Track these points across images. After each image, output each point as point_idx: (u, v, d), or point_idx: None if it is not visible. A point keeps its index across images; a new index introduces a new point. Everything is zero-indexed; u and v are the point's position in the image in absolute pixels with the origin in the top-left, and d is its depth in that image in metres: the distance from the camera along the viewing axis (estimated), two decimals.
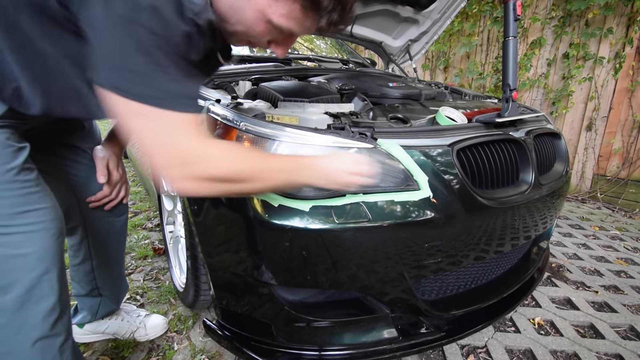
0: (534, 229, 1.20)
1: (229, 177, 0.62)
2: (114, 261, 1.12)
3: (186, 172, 0.58)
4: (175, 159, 0.57)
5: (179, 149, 0.57)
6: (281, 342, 0.96)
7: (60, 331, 0.71)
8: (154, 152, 0.57)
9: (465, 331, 1.07)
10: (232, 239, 0.92)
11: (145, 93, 0.54)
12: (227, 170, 0.61)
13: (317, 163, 0.74)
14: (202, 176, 0.59)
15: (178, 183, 0.59)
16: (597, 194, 2.98)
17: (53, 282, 0.69)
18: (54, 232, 0.70)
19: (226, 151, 0.63)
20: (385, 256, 0.87)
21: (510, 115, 1.11)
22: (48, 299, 0.68)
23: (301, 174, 0.71)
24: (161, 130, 0.56)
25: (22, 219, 0.66)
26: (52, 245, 0.69)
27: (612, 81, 2.81)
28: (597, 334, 1.32)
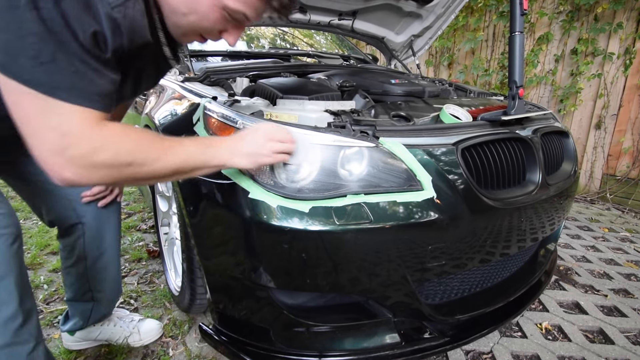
0: (541, 230, 1.20)
1: (120, 162, 0.60)
2: (109, 262, 1.12)
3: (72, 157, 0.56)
4: (57, 145, 0.55)
5: (66, 135, 0.55)
6: (280, 347, 0.96)
7: (26, 339, 0.70)
8: (37, 138, 0.55)
9: (470, 336, 1.07)
10: (229, 241, 0.92)
11: (36, 79, 0.52)
12: (124, 151, 0.60)
13: (229, 140, 0.74)
14: (93, 161, 0.58)
15: (63, 170, 0.56)
16: (606, 194, 2.98)
17: (11, 289, 0.68)
18: (7, 237, 0.69)
19: (124, 132, 0.61)
20: (388, 259, 0.87)
21: (517, 113, 1.11)
22: (7, 306, 0.67)
23: (213, 153, 0.71)
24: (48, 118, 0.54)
25: None
26: (7, 252, 0.68)
27: (622, 78, 2.81)
28: (606, 339, 1.32)
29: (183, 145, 0.68)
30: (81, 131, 0.56)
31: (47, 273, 1.69)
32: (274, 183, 0.85)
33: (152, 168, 0.64)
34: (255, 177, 0.86)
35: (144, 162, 0.62)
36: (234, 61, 1.79)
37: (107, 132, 0.59)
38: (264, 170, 0.86)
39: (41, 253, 1.87)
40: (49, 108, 0.54)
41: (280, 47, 2.53)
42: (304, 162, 0.85)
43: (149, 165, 0.63)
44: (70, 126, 0.55)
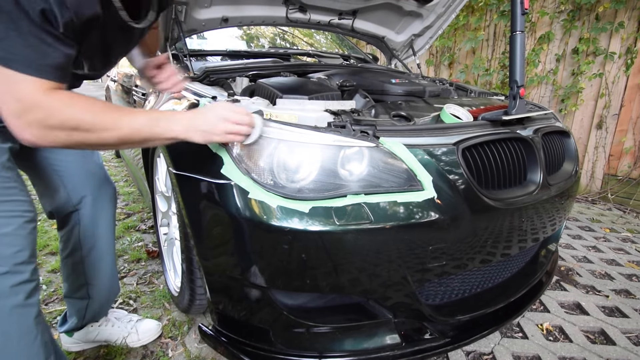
0: (542, 231, 1.20)
1: (73, 125, 0.66)
2: (103, 253, 1.13)
3: (28, 121, 0.63)
4: (15, 108, 0.62)
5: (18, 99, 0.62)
6: (280, 348, 0.96)
7: (33, 303, 0.79)
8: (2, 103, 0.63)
9: (471, 337, 1.07)
10: (229, 241, 0.92)
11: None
12: (69, 117, 0.66)
13: (183, 114, 0.77)
14: (46, 124, 0.64)
15: (22, 132, 0.64)
16: (607, 194, 2.98)
17: (26, 260, 0.77)
18: (28, 219, 0.79)
19: (69, 100, 0.66)
20: (388, 259, 0.87)
21: (518, 112, 1.11)
22: (23, 274, 0.76)
23: (163, 125, 0.74)
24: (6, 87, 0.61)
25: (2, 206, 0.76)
26: (25, 229, 0.78)
27: (624, 77, 2.81)
28: (607, 340, 1.32)
29: (134, 116, 0.73)
30: (33, 98, 0.63)
31: (46, 274, 1.69)
32: (273, 183, 0.86)
33: (99, 135, 0.69)
34: (255, 177, 0.86)
35: (90, 129, 0.68)
36: (233, 61, 1.79)
37: (56, 99, 0.65)
38: (264, 170, 0.86)
39: (40, 253, 1.87)
40: (6, 78, 0.61)
41: (280, 47, 2.53)
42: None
43: (97, 132, 0.69)
44: (24, 94, 0.62)
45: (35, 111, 0.63)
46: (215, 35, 2.12)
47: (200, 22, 1.71)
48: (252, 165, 0.87)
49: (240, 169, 0.87)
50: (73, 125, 0.66)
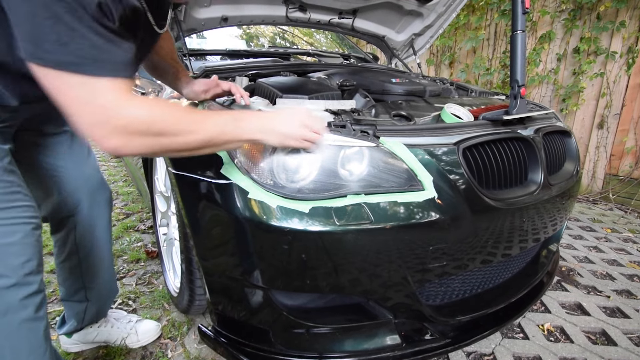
0: (543, 231, 1.20)
1: (155, 131, 0.63)
2: (102, 256, 1.13)
3: (110, 129, 0.60)
4: (97, 116, 0.60)
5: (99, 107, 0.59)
6: (279, 348, 0.96)
7: (42, 316, 0.77)
8: (78, 114, 0.60)
9: (472, 338, 1.07)
10: (228, 242, 0.92)
11: (62, 59, 0.56)
12: (151, 122, 0.63)
13: (261, 115, 0.76)
14: (128, 131, 0.61)
15: (106, 141, 0.61)
16: (609, 194, 2.98)
17: (34, 270, 0.76)
18: (34, 226, 0.77)
19: (150, 105, 0.65)
20: (388, 259, 0.87)
21: (519, 112, 1.11)
22: (31, 285, 0.75)
23: (242, 126, 0.72)
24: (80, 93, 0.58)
25: (5, 213, 0.73)
26: (32, 237, 0.76)
27: (625, 77, 2.81)
28: (609, 340, 1.32)
29: (215, 118, 0.70)
30: (115, 102, 0.60)
31: (45, 274, 1.69)
32: (273, 183, 0.86)
33: (187, 139, 0.67)
34: (254, 177, 0.86)
35: (176, 132, 0.65)
36: (233, 60, 1.79)
37: (137, 102, 0.62)
38: (263, 170, 0.86)
39: None
40: (80, 85, 0.58)
41: (279, 46, 2.53)
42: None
43: (184, 136, 0.66)
44: (103, 98, 0.59)
45: (118, 117, 0.60)
46: (215, 34, 2.12)
47: (199, 21, 1.71)
48: (251, 165, 0.87)
49: (240, 169, 0.87)
50: (158, 129, 0.64)
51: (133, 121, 0.61)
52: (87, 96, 0.58)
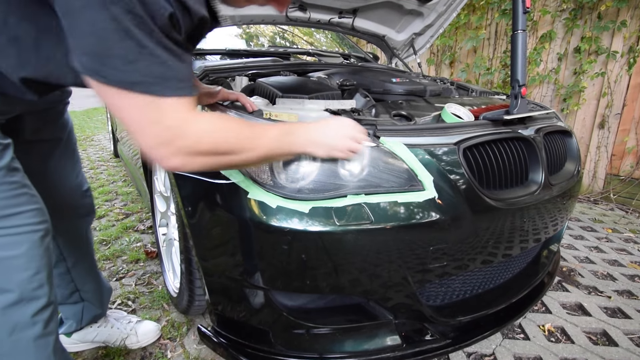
0: (543, 231, 1.20)
1: (217, 150, 0.63)
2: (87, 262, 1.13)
3: (174, 149, 0.59)
4: (161, 138, 0.58)
5: (165, 128, 0.57)
6: (279, 349, 0.96)
7: (52, 330, 0.74)
8: (142, 134, 0.58)
9: (472, 338, 1.07)
10: (228, 242, 0.92)
11: (127, 79, 0.53)
12: (214, 143, 0.62)
13: (305, 127, 0.76)
14: (191, 151, 0.60)
15: (168, 161, 0.60)
16: (610, 194, 2.98)
17: (43, 282, 0.71)
18: (41, 233, 0.72)
19: (214, 124, 0.63)
20: (388, 260, 0.87)
21: (519, 112, 1.10)
22: (39, 300, 0.71)
23: (292, 140, 0.73)
24: (146, 113, 0.56)
25: (9, 222, 0.67)
26: (40, 247, 0.71)
27: (626, 76, 2.81)
28: (610, 341, 1.32)
29: (270, 134, 0.70)
30: (182, 122, 0.58)
31: None
32: (273, 183, 0.86)
33: (245, 156, 0.67)
34: (254, 177, 0.86)
35: (238, 151, 0.65)
36: (233, 60, 1.79)
37: (203, 122, 0.61)
38: (263, 170, 0.86)
39: None
40: (147, 105, 0.55)
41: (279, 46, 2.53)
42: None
43: (244, 154, 0.66)
44: (171, 119, 0.57)
45: (184, 138, 0.58)
46: (215, 34, 2.12)
47: None
48: None
49: (240, 169, 0.87)
50: (220, 150, 0.63)
51: (197, 142, 0.60)
52: (153, 117, 0.56)
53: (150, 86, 0.54)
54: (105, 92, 0.54)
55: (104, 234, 2.12)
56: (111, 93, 0.54)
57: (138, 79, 0.53)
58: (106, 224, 2.28)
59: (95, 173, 3.49)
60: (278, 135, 0.71)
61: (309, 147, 0.75)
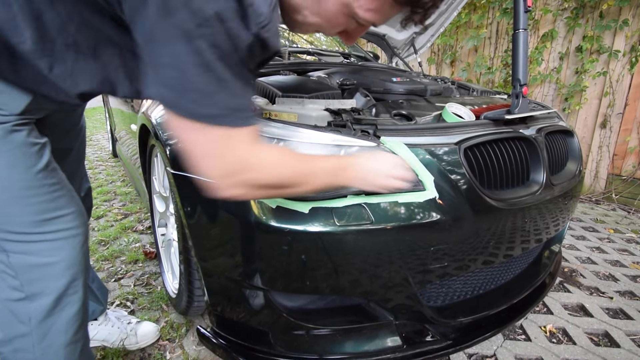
0: (545, 231, 1.20)
1: (278, 184, 0.64)
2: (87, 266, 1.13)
3: (237, 181, 0.59)
4: (227, 169, 0.58)
5: (232, 160, 0.57)
6: (279, 350, 0.96)
7: (80, 337, 0.74)
8: (206, 164, 0.57)
9: (473, 339, 1.07)
10: (228, 242, 0.92)
11: (204, 112, 0.52)
12: (277, 177, 0.63)
13: (357, 163, 0.76)
14: (253, 184, 0.61)
15: (229, 191, 0.60)
16: (611, 194, 2.98)
17: (78, 289, 0.71)
18: (81, 238, 0.71)
19: (275, 158, 0.64)
20: (389, 260, 0.87)
21: (521, 111, 1.10)
22: (73, 306, 0.71)
23: (342, 175, 0.74)
24: (216, 145, 0.55)
25: (50, 226, 0.67)
26: (79, 252, 0.71)
27: (628, 76, 2.81)
28: (612, 342, 1.32)
29: (326, 168, 0.71)
30: (247, 155, 0.58)
31: None
32: None
33: (301, 189, 0.68)
34: None
35: (296, 185, 0.66)
36: None
37: (266, 157, 0.61)
38: None
39: None
40: (218, 138, 0.54)
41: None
42: None
43: (301, 187, 0.67)
44: (238, 151, 0.57)
45: (247, 172, 0.58)
46: None
47: None
48: None
49: None
50: (278, 184, 0.64)
51: (259, 177, 0.60)
52: (222, 149, 0.56)
53: (224, 118, 0.54)
54: (178, 124, 0.54)
55: (102, 234, 2.12)
56: (185, 126, 0.54)
57: (214, 112, 0.53)
58: (105, 224, 2.28)
59: (93, 173, 3.49)
60: (333, 170, 0.72)
61: (359, 182, 0.77)
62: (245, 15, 0.50)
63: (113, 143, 3.84)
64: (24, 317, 0.68)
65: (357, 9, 0.60)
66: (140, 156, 1.58)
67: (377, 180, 0.78)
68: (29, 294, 0.67)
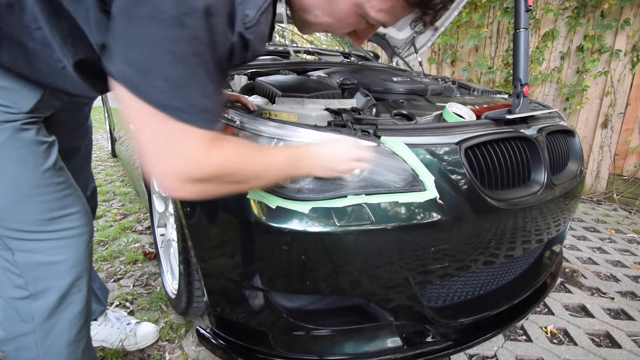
0: (546, 231, 1.20)
1: (229, 180, 0.62)
2: None
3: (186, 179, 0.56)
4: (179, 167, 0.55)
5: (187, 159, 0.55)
6: (279, 351, 0.96)
7: (83, 335, 0.75)
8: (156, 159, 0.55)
9: (474, 340, 1.07)
10: (227, 243, 0.92)
11: (169, 103, 0.51)
12: (228, 174, 0.61)
13: (313, 152, 0.76)
14: (202, 181, 0.58)
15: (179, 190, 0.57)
16: (613, 194, 2.98)
17: (82, 288, 0.71)
18: (86, 237, 0.71)
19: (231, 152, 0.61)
20: (389, 261, 0.87)
21: (522, 111, 1.11)
22: (77, 305, 0.71)
23: (299, 165, 0.73)
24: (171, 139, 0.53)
25: (56, 225, 0.66)
26: (84, 251, 0.71)
27: (629, 75, 2.81)
28: (613, 343, 1.32)
29: (279, 161, 0.70)
30: (199, 155, 0.55)
31: None
32: None
33: (254, 184, 0.69)
34: None
35: (246, 181, 0.66)
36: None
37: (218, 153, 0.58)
38: None
39: None
40: (172, 131, 0.52)
41: (279, 44, 2.53)
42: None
43: (253, 182, 0.68)
44: (190, 150, 0.54)
45: (199, 170, 0.56)
46: None
47: None
48: None
49: None
50: (233, 180, 0.62)
51: (209, 175, 0.58)
52: (177, 145, 0.53)
53: (190, 116, 0.52)
54: (135, 106, 0.52)
55: (101, 234, 2.12)
56: (142, 110, 0.51)
57: (178, 105, 0.51)
58: (104, 225, 2.28)
59: (93, 173, 3.49)
60: (285, 161, 0.71)
61: (313, 170, 0.76)
62: (233, 13, 0.50)
63: (112, 143, 3.84)
64: (27, 316, 0.68)
65: (369, 9, 0.60)
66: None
67: (337, 166, 0.77)
68: (33, 292, 0.67)
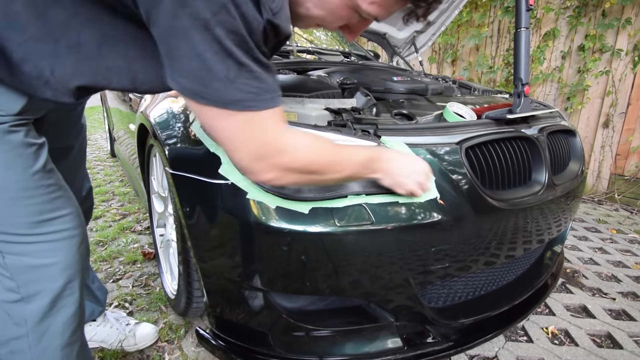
0: (547, 232, 1.20)
1: (309, 169, 0.66)
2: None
3: (269, 164, 0.61)
4: (260, 152, 0.60)
5: (264, 143, 0.60)
6: (279, 352, 0.96)
7: (77, 338, 0.74)
8: (238, 149, 0.60)
9: (475, 340, 1.07)
10: (227, 243, 0.92)
11: (228, 98, 0.54)
12: (309, 162, 0.65)
13: (389, 157, 0.78)
14: (285, 168, 0.63)
15: (263, 175, 0.62)
16: (614, 194, 2.98)
17: (75, 290, 0.71)
18: (78, 239, 0.71)
19: (307, 143, 0.66)
20: (390, 261, 0.87)
21: (522, 111, 1.11)
22: (70, 308, 0.71)
23: (373, 168, 0.76)
24: (245, 129, 0.58)
25: (46, 228, 0.66)
26: (76, 254, 0.71)
27: (631, 75, 2.81)
28: (614, 343, 1.32)
29: (356, 158, 0.74)
30: (277, 137, 0.61)
31: None
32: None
33: (331, 177, 0.71)
34: None
35: (328, 172, 0.69)
36: None
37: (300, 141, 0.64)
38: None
39: None
40: (245, 122, 0.57)
41: None
42: None
43: (331, 175, 0.70)
44: (268, 134, 0.59)
45: (280, 153, 0.61)
46: None
47: None
48: None
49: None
50: (312, 169, 0.66)
51: (293, 160, 0.63)
52: (251, 133, 0.58)
53: (248, 102, 0.55)
54: (203, 112, 0.57)
55: (100, 234, 2.12)
56: (211, 113, 0.56)
57: (238, 97, 0.54)
58: (103, 225, 2.28)
59: (92, 173, 3.49)
60: (363, 161, 0.74)
61: (382, 175, 0.78)
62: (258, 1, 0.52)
63: (111, 143, 3.84)
64: (20, 319, 0.68)
65: (361, 2, 0.61)
66: (139, 156, 1.58)
67: (401, 180, 0.79)
68: (25, 295, 0.67)
